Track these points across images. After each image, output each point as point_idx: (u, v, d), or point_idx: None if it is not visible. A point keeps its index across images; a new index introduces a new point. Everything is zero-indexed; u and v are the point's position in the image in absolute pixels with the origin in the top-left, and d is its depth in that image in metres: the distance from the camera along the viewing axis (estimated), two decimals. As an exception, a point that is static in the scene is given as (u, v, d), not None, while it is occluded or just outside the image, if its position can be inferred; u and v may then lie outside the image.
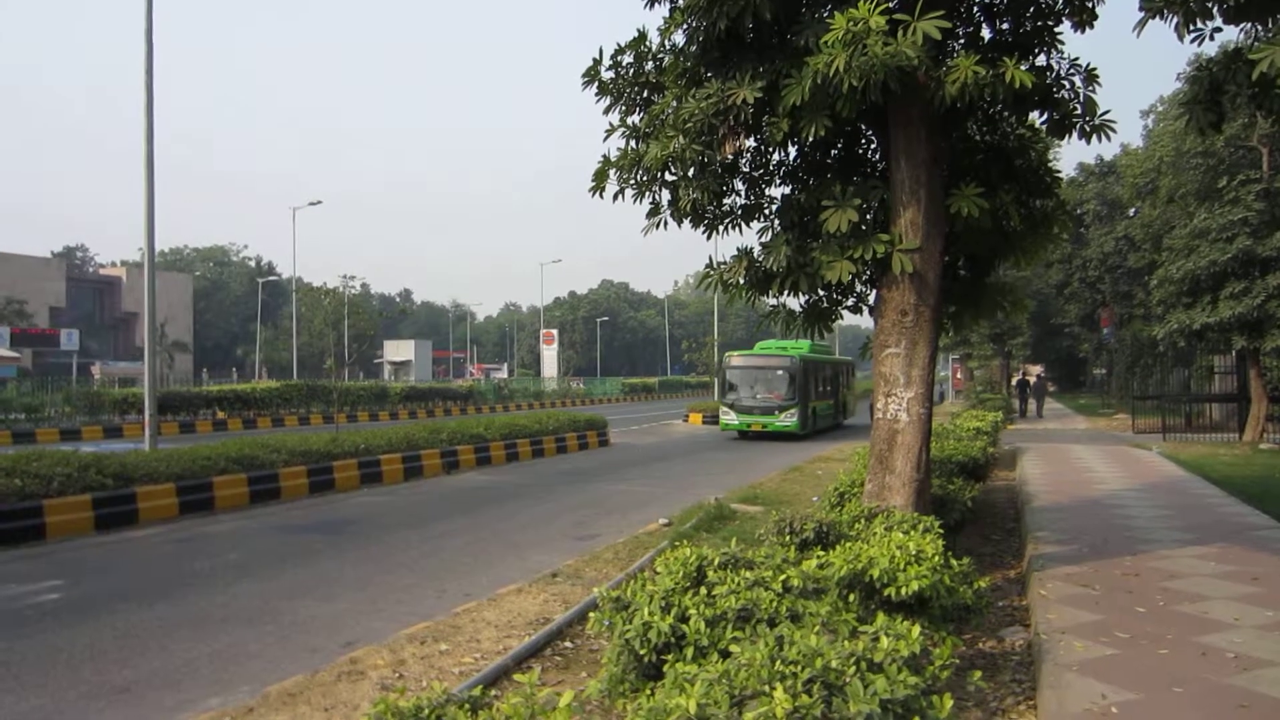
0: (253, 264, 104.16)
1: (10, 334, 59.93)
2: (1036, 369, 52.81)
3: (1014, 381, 41.78)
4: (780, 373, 28.12)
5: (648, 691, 3.71)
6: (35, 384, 34.70)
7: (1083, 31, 7.59)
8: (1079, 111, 7.53)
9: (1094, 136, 7.54)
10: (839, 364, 35.69)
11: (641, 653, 4.15)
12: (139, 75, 17.13)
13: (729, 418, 28.68)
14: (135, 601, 8.44)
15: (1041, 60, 7.71)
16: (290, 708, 5.48)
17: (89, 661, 6.70)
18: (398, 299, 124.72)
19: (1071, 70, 7.62)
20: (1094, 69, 7.54)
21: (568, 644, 6.68)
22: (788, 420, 27.76)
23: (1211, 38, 6.92)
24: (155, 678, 6.37)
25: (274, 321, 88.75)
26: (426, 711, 2.95)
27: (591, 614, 4.83)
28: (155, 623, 7.70)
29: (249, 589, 8.92)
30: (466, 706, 3.01)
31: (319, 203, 51.86)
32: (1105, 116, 7.49)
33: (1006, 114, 8.07)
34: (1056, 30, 7.63)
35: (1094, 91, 7.54)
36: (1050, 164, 8.50)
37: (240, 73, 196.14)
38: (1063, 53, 7.68)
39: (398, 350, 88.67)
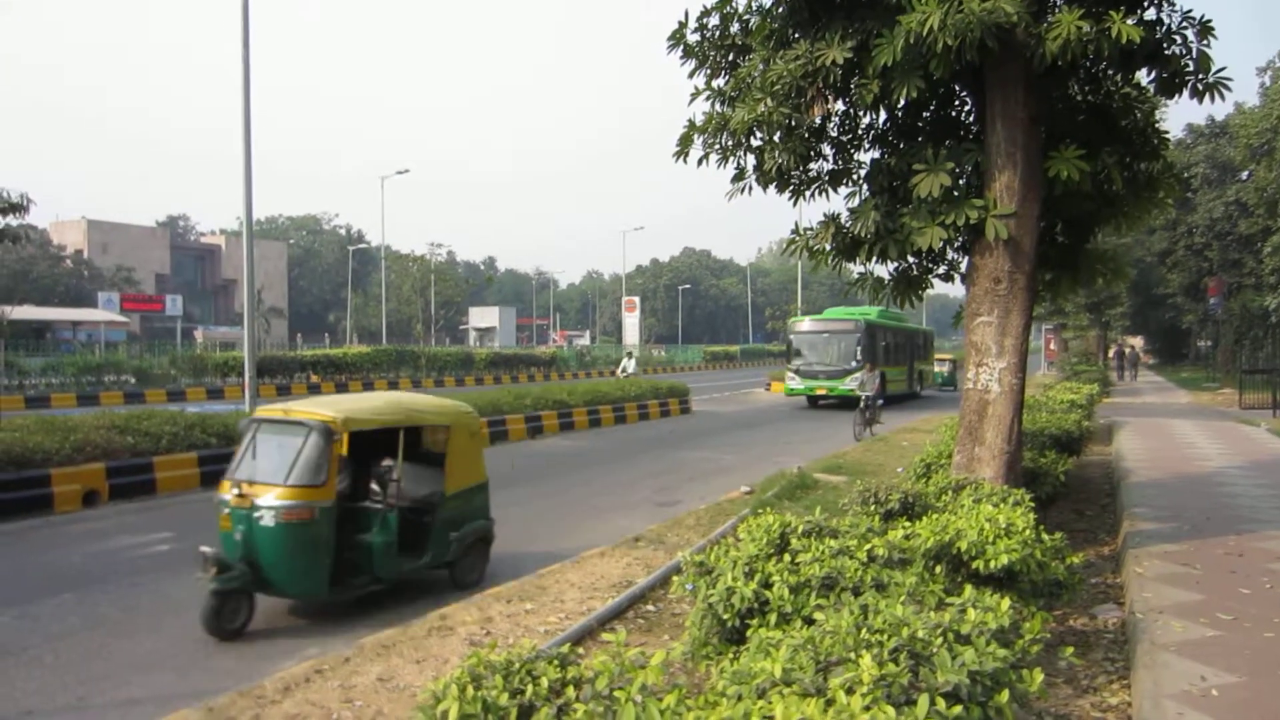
0: (343, 232, 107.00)
1: (120, 300, 62.98)
2: (1135, 341, 51.20)
3: (1111, 352, 41.60)
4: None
5: (731, 655, 3.74)
6: (144, 348, 36.43)
7: (1197, -18, 7.17)
8: (1191, 69, 7.10)
9: (1207, 96, 7.10)
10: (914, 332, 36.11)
11: (725, 617, 4.18)
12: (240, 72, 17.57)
13: (794, 383, 29.29)
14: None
15: (1150, 14, 7.28)
16: (384, 659, 5.70)
17: (198, 609, 7.06)
18: (483, 266, 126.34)
19: (1184, 24, 7.16)
20: (1209, 22, 7.09)
21: (650, 607, 6.77)
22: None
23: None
24: (257, 626, 6.70)
25: (364, 288, 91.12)
26: (517, 665, 3.03)
27: (674, 577, 4.89)
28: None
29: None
30: (555, 662, 3.08)
31: (406, 171, 52.78)
32: (1220, 74, 7.06)
33: (1111, 72, 7.70)
34: (1169, -19, 7.21)
35: (1208, 46, 7.10)
36: (1157, 124, 8.09)
37: (332, 48, 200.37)
38: (1174, 5, 7.24)
39: (483, 316, 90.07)
